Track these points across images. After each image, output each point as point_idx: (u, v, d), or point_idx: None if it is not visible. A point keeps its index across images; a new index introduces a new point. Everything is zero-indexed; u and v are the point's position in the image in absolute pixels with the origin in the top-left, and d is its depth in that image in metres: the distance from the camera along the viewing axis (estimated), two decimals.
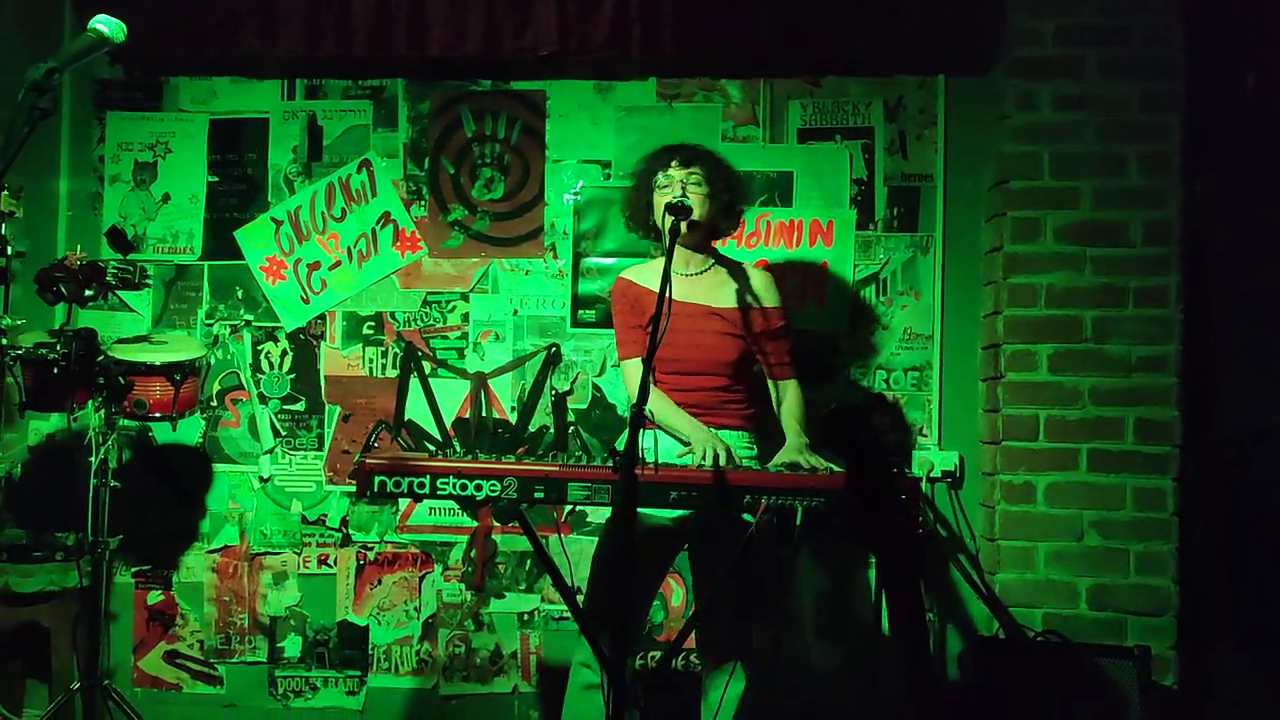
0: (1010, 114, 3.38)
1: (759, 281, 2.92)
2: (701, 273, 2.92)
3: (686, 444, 2.69)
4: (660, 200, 2.81)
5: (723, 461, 2.56)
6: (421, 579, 3.68)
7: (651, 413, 2.74)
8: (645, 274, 2.93)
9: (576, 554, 3.53)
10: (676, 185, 2.80)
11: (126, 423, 3.33)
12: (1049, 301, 3.33)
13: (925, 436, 3.57)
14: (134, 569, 3.72)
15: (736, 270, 2.95)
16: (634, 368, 2.86)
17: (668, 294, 2.40)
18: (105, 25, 1.93)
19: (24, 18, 3.65)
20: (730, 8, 3.47)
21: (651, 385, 2.81)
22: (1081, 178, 3.34)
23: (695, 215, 2.76)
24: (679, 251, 2.87)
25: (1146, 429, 3.28)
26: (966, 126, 3.59)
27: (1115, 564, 3.27)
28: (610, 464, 2.40)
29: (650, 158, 2.94)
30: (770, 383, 2.93)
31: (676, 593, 3.58)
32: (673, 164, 2.84)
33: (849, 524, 2.39)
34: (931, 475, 3.52)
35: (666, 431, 2.77)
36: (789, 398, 2.90)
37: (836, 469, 2.58)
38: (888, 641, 3.12)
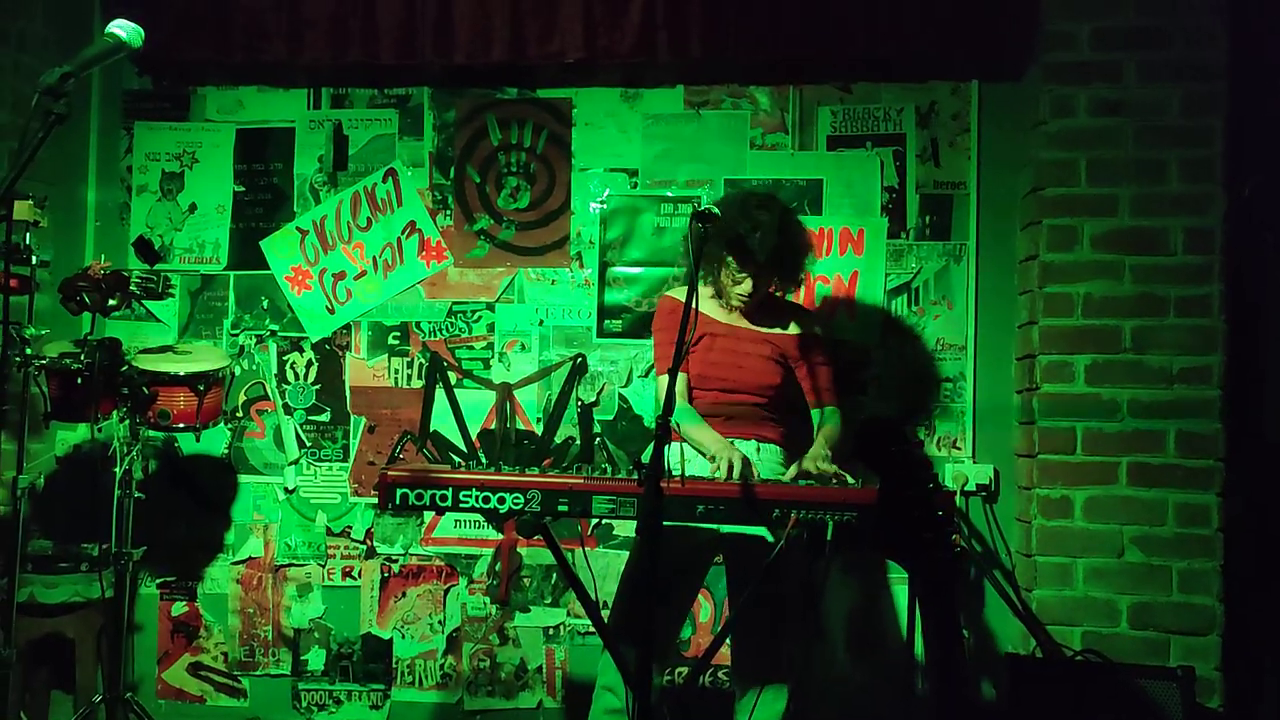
0: (1046, 120, 3.30)
1: (804, 314, 3.04)
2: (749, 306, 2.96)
3: (705, 456, 2.69)
4: (727, 278, 2.87)
5: (737, 471, 2.55)
6: (446, 592, 3.64)
7: (678, 425, 2.72)
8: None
9: (603, 568, 3.49)
10: (749, 280, 2.84)
11: (152, 433, 3.33)
12: (1086, 311, 3.25)
13: (959, 449, 3.49)
14: (159, 580, 3.72)
15: (781, 303, 3.04)
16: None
17: (694, 305, 2.35)
18: (122, 30, 1.90)
19: (53, 24, 3.66)
20: (759, 13, 3.42)
21: (682, 401, 2.81)
22: (1120, 184, 3.25)
23: (758, 296, 2.88)
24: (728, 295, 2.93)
25: (1189, 442, 3.18)
26: (1001, 133, 3.52)
27: (1157, 581, 3.17)
28: (635, 477, 2.37)
29: (738, 211, 2.82)
30: (813, 410, 2.97)
31: (705, 608, 3.52)
32: (743, 247, 2.79)
33: (882, 539, 2.33)
34: (966, 489, 3.44)
35: (691, 445, 2.77)
36: (831, 422, 2.93)
37: (849, 479, 2.55)
38: (921, 658, 3.05)
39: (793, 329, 2.97)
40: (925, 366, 3.52)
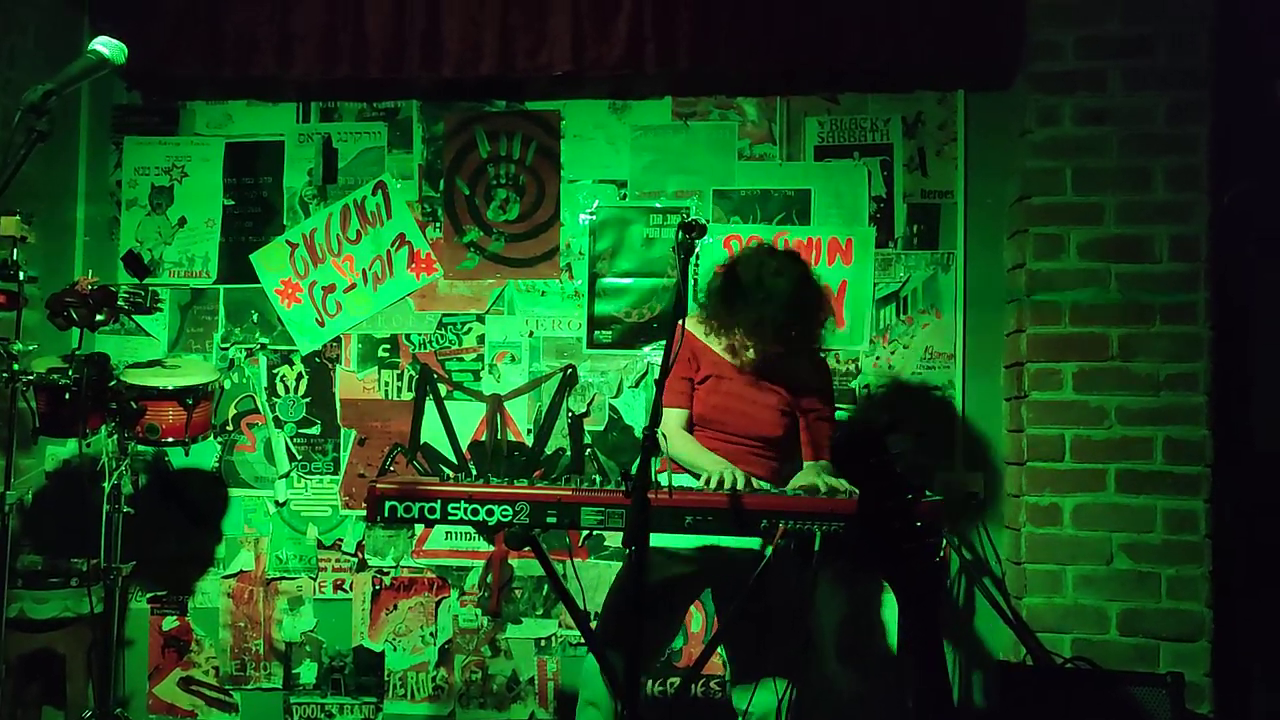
0: (1031, 129, 3.32)
1: (814, 366, 2.95)
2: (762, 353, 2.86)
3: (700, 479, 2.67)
4: (737, 340, 2.78)
5: (728, 483, 2.52)
6: (438, 604, 3.64)
7: (664, 435, 2.71)
8: (702, 327, 2.89)
9: (593, 579, 3.49)
10: (752, 350, 2.77)
11: (142, 448, 3.32)
12: (1073, 319, 3.26)
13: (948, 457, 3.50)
14: (149, 595, 3.71)
15: (794, 352, 2.89)
16: (674, 417, 2.81)
17: (683, 318, 2.36)
18: (105, 47, 1.91)
19: (43, 42, 3.67)
20: (746, 24, 3.44)
21: (683, 431, 2.81)
22: (1105, 193, 3.26)
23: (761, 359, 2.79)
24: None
25: (1176, 449, 3.19)
26: (987, 142, 3.54)
27: (1146, 588, 3.18)
28: (624, 488, 2.37)
29: (754, 273, 2.77)
30: (806, 462, 2.88)
31: (695, 618, 3.52)
32: (781, 323, 2.71)
33: (864, 549, 2.34)
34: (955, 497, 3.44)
35: (688, 470, 2.75)
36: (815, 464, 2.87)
37: (857, 492, 2.54)
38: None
39: (805, 382, 2.88)
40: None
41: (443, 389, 3.69)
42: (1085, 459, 3.23)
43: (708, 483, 2.55)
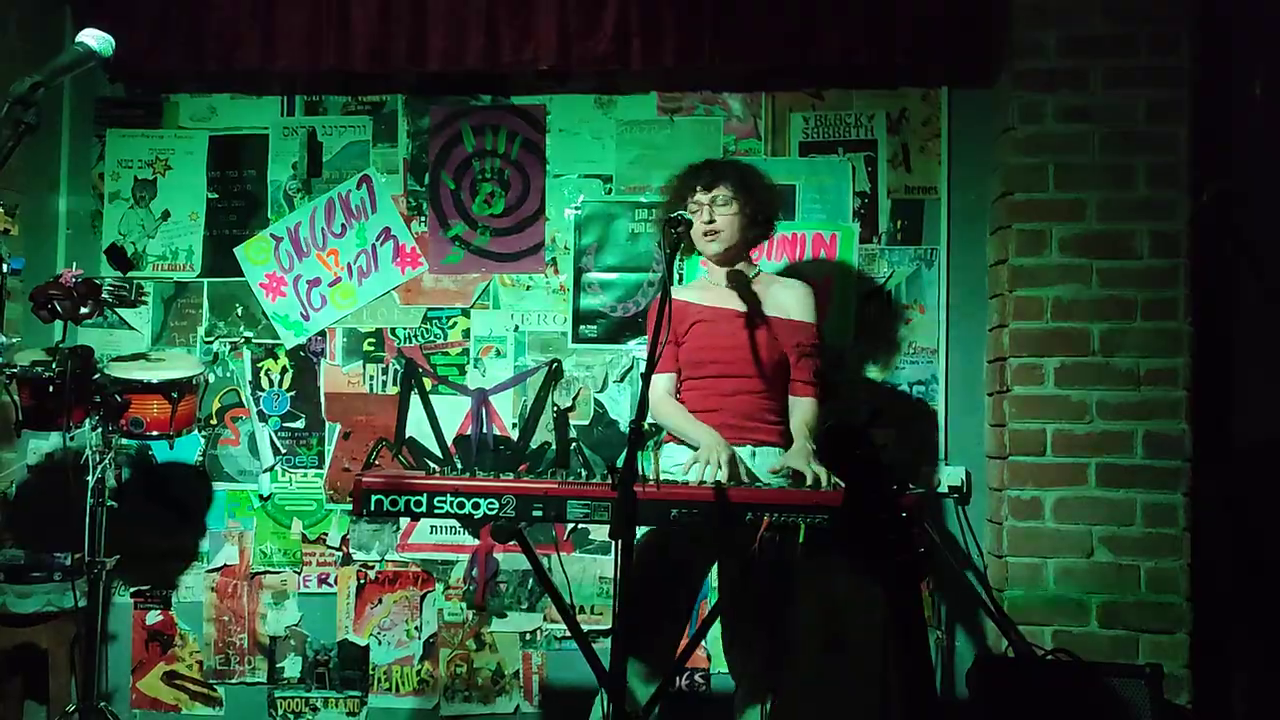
0: (1014, 126, 3.34)
1: (797, 294, 2.93)
2: (737, 284, 2.92)
3: (696, 448, 2.69)
4: (696, 225, 2.85)
5: (724, 466, 2.56)
6: (423, 598, 3.64)
7: (654, 423, 2.74)
8: (683, 290, 2.98)
9: (578, 573, 3.51)
10: (705, 210, 2.84)
11: (126, 441, 3.31)
12: (1055, 314, 3.28)
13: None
14: (133, 589, 3.69)
15: (773, 281, 2.98)
16: (658, 381, 2.86)
17: (668, 302, 2.39)
18: (93, 39, 1.90)
19: (25, 36, 3.64)
20: (731, 20, 3.45)
21: (669, 397, 2.85)
22: (1087, 189, 3.29)
23: (724, 235, 2.85)
24: (714, 269, 2.94)
25: (1156, 443, 3.22)
26: (970, 139, 3.56)
27: (1126, 581, 3.21)
28: (610, 481, 2.38)
29: (683, 178, 2.96)
30: (790, 397, 2.89)
31: None
32: (698, 189, 2.86)
33: (848, 541, 2.35)
34: (938, 490, 3.47)
35: (680, 439, 2.79)
36: (804, 411, 2.86)
37: (841, 484, 2.56)
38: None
39: (784, 313, 2.87)
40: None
41: (428, 383, 3.69)
42: (1066, 453, 3.26)
43: (704, 464, 2.57)
